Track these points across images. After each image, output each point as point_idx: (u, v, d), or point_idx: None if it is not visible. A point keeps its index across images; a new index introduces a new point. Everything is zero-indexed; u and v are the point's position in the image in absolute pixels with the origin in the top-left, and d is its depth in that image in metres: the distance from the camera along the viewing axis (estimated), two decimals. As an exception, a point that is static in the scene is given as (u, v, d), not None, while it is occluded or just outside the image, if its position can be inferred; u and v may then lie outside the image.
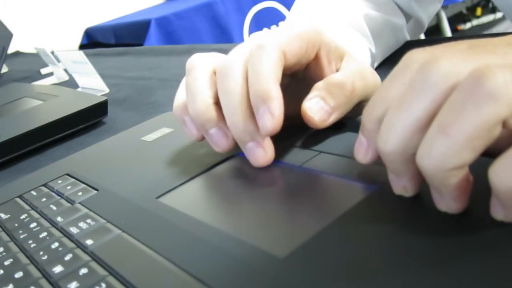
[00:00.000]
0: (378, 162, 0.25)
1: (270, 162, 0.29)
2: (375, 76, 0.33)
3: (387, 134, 0.20)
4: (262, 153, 0.28)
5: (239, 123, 0.28)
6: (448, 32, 2.61)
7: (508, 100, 0.16)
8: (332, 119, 0.29)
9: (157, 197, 0.28)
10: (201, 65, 0.31)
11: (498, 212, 0.18)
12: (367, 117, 0.23)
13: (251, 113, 0.28)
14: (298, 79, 0.33)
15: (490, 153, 0.18)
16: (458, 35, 2.72)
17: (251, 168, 0.29)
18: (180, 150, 0.35)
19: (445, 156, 0.17)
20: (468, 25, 3.00)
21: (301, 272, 0.19)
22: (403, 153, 0.20)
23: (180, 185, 0.29)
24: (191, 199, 0.28)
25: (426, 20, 0.52)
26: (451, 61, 0.19)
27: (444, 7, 2.60)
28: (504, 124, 0.17)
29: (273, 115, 0.26)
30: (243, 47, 0.30)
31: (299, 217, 0.23)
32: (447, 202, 0.19)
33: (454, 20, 2.93)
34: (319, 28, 0.31)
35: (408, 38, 0.52)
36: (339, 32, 0.41)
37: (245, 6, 1.95)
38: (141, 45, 1.72)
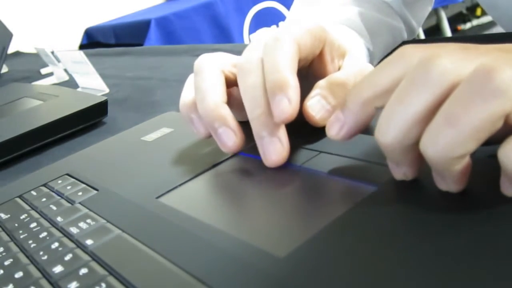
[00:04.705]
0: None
1: (285, 160, 0.28)
2: None
3: (386, 127, 0.21)
4: (279, 147, 0.28)
5: (261, 116, 0.27)
6: (448, 32, 2.61)
7: None
8: None
9: (157, 197, 0.28)
10: (210, 66, 0.31)
11: (509, 189, 0.19)
12: (353, 98, 0.23)
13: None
14: (301, 77, 0.33)
15: (486, 142, 0.18)
16: (458, 35, 2.72)
17: (251, 168, 0.29)
18: (180, 150, 0.35)
19: (451, 146, 0.18)
20: (468, 25, 3.00)
21: (301, 272, 0.19)
22: (402, 145, 0.20)
23: (180, 185, 0.29)
24: (191, 199, 0.28)
25: (417, 26, 0.53)
26: (451, 59, 0.19)
27: (444, 7, 2.60)
28: (506, 117, 0.18)
29: (290, 101, 0.26)
30: (258, 44, 0.30)
31: (299, 217, 0.23)
32: (449, 184, 0.20)
33: (454, 20, 2.93)
34: (324, 25, 0.31)
35: (406, 38, 0.52)
36: (337, 32, 0.41)
37: (245, 6, 1.95)
38: (141, 45, 1.72)
